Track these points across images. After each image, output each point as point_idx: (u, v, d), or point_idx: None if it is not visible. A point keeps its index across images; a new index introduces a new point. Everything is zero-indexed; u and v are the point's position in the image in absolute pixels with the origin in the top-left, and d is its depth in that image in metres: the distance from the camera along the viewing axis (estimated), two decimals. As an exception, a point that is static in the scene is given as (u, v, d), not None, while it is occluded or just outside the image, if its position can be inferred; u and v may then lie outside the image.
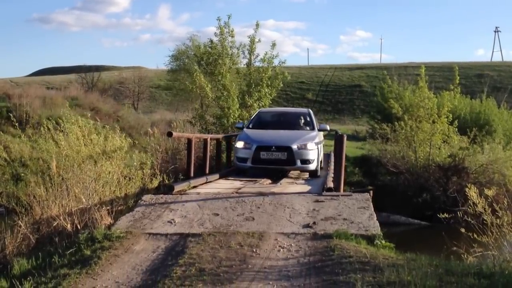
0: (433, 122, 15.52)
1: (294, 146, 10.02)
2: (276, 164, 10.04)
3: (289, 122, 11.56)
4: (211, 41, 16.97)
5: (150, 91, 44.64)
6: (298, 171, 10.90)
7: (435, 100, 16.02)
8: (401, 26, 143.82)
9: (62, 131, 8.69)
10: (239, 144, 10.31)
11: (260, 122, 11.64)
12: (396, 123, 16.56)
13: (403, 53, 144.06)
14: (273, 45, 16.65)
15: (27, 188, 7.69)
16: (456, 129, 16.12)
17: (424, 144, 15.47)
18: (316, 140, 10.55)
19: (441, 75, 42.71)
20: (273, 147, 9.98)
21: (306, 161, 10.09)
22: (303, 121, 11.55)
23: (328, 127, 12.19)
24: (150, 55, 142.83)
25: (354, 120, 40.62)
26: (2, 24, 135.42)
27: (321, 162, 11.29)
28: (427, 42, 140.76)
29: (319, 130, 11.40)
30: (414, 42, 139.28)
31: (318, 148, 10.44)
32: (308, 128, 11.28)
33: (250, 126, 11.39)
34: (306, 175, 10.78)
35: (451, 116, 15.88)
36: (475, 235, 5.17)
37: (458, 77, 17.26)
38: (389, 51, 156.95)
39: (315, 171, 10.51)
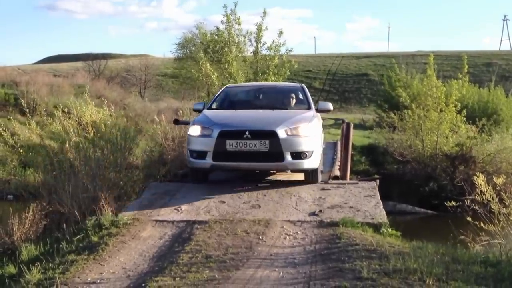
0: (441, 111, 15.42)
1: (281, 131, 6.62)
2: (251, 160, 6.63)
3: (273, 100, 8.23)
4: (218, 29, 16.92)
5: (156, 79, 44.61)
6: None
7: (443, 89, 15.89)
8: (409, 14, 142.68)
9: (71, 118, 8.73)
10: (193, 130, 6.98)
11: (230, 100, 8.33)
12: (403, 111, 16.48)
13: (411, 41, 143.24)
14: (280, 33, 16.56)
15: (35, 175, 7.74)
16: (464, 118, 16.01)
17: (431, 133, 15.36)
18: (315, 122, 7.25)
19: (449, 64, 42.32)
20: (247, 132, 6.53)
21: (299, 155, 6.74)
22: (294, 100, 8.19)
23: (330, 106, 8.14)
24: (156, 43, 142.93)
25: (361, 109, 40.44)
26: (10, 11, 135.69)
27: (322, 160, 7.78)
28: (435, 30, 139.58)
29: (318, 110, 7.90)
30: (422, 30, 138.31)
31: (317, 135, 7.23)
32: (301, 107, 7.99)
33: (213, 106, 8.02)
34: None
35: (459, 105, 15.77)
36: (482, 224, 5.15)
37: (467, 66, 17.11)
38: (397, 40, 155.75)
39: (314, 171, 7.22)
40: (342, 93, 45.83)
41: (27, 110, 9.37)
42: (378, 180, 8.52)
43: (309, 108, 7.90)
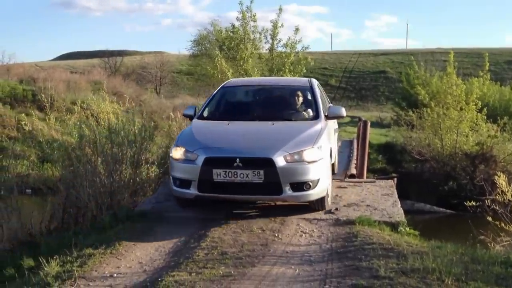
0: (461, 109, 15.23)
1: (279, 158, 5.39)
2: (243, 191, 5.45)
3: (275, 105, 6.94)
4: (233, 25, 16.87)
5: (172, 76, 44.83)
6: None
7: (463, 86, 15.70)
8: (429, 11, 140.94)
9: (92, 114, 8.82)
10: (176, 153, 5.76)
11: (224, 106, 7.06)
12: (422, 110, 16.30)
13: (430, 38, 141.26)
14: (296, 30, 16.45)
15: (53, 170, 7.84)
16: (485, 117, 15.78)
17: (451, 132, 15.20)
18: (323, 139, 5.89)
19: (469, 61, 41.74)
20: (237, 160, 5.33)
21: (301, 186, 5.48)
22: (300, 101, 6.89)
23: (343, 111, 6.80)
24: (171, 40, 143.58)
25: (378, 106, 40.09)
26: (27, 8, 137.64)
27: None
28: (455, 27, 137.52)
29: (329, 117, 6.63)
30: (441, 27, 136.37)
31: (326, 156, 5.87)
32: (308, 114, 6.64)
33: (205, 114, 6.79)
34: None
35: (479, 103, 15.54)
36: (503, 224, 5.07)
37: (488, 64, 16.85)
38: (416, 37, 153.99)
39: (321, 201, 5.88)
40: (358, 91, 45.50)
41: (47, 105, 9.48)
42: (395, 179, 8.47)
43: (317, 116, 6.46)
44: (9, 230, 6.38)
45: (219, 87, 7.36)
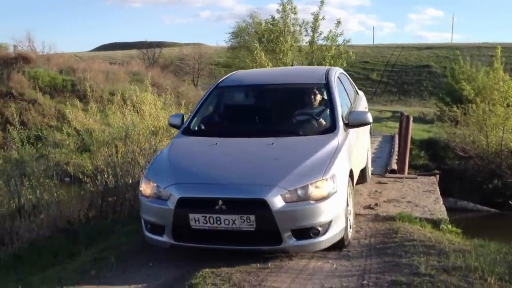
0: (508, 105, 14.75)
1: (275, 198, 3.95)
2: (229, 241, 4.08)
3: (279, 113, 5.29)
4: (273, 18, 16.83)
5: (209, 68, 45.03)
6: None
7: (510, 82, 15.18)
8: (475, 4, 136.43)
9: (134, 106, 8.94)
10: (145, 187, 4.40)
11: (216, 115, 5.58)
12: (467, 105, 15.88)
13: (476, 32, 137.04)
14: (338, 23, 16.28)
15: (92, 159, 8.00)
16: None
17: (496, 129, 14.74)
18: (339, 163, 4.38)
19: (517, 56, 40.15)
20: (220, 202, 3.96)
21: (309, 232, 4.06)
22: (311, 104, 5.35)
23: (369, 117, 5.17)
24: (210, 32, 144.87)
25: (421, 102, 39.17)
26: (67, 0, 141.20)
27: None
28: (503, 21, 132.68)
29: (350, 125, 5.05)
30: (488, 21, 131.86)
31: (342, 186, 4.31)
32: (320, 124, 5.06)
33: (192, 126, 5.29)
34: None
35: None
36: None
37: (538, 58, 16.19)
38: (461, 31, 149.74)
39: (339, 241, 4.33)
40: (401, 85, 44.55)
41: (89, 95, 9.66)
42: (438, 175, 8.26)
43: (333, 127, 4.88)
44: (48, 217, 6.51)
45: (213, 86, 5.72)
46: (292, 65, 15.28)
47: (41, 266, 4.96)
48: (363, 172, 6.34)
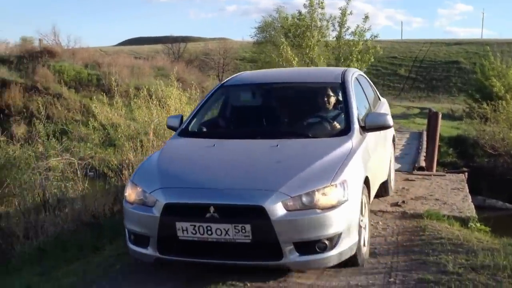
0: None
1: (275, 205, 3.44)
2: (222, 256, 3.56)
3: (287, 114, 4.87)
4: (300, 12, 16.78)
5: (235, 63, 44.88)
6: None
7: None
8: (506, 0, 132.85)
9: (160, 100, 9.01)
10: (130, 192, 3.92)
11: (219, 115, 5.27)
12: (497, 102, 15.59)
13: (506, 28, 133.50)
14: (366, 17, 16.16)
15: (117, 153, 8.08)
16: None
17: (528, 126, 14.41)
18: (352, 168, 3.85)
19: (550, 52, 39.02)
20: (212, 209, 3.45)
21: (314, 245, 3.50)
22: (325, 106, 4.89)
23: (388, 120, 4.58)
24: (235, 26, 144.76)
25: (450, 98, 38.44)
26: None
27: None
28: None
29: (367, 128, 4.54)
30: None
31: (355, 194, 3.77)
32: (334, 126, 4.58)
33: (191, 127, 4.83)
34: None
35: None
36: None
37: None
38: (491, 27, 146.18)
39: (352, 257, 3.77)
40: (429, 81, 43.79)
41: (115, 89, 9.76)
42: (466, 173, 8.18)
43: (347, 129, 4.36)
44: (73, 211, 6.48)
45: (218, 86, 5.38)
46: (319, 61, 15.24)
47: (65, 260, 4.98)
48: (384, 184, 5.78)
